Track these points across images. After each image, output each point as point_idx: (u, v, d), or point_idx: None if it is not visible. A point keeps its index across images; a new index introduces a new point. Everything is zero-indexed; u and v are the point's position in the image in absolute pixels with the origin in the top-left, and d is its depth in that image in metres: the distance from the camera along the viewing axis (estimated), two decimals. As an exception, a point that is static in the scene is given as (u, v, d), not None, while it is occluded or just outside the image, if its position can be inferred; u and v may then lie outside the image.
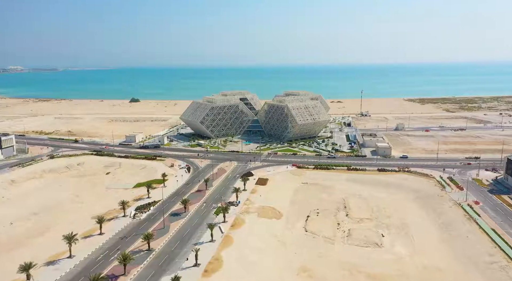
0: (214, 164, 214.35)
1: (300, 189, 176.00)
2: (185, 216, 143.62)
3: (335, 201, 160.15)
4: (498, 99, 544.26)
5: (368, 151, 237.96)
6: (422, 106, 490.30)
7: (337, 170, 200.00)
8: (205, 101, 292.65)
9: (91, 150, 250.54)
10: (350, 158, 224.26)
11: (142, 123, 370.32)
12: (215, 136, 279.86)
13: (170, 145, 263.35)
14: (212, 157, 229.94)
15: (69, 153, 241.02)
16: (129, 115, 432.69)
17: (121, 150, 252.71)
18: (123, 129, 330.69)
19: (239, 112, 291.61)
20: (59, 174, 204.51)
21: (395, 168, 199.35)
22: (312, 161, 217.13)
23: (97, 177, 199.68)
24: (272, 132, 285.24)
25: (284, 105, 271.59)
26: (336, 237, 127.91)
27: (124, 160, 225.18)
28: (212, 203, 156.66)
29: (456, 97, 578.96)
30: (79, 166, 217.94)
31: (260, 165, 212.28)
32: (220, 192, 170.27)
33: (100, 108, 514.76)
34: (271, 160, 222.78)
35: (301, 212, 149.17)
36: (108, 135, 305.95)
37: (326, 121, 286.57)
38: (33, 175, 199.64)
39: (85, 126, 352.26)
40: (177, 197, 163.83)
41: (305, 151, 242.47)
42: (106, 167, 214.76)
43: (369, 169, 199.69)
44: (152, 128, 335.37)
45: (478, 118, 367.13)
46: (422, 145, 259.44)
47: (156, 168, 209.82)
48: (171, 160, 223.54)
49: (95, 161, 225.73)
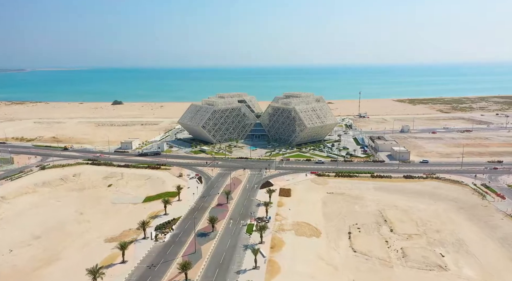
0: (226, 173, 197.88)
1: (328, 200, 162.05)
2: (214, 236, 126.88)
3: (372, 214, 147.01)
4: (485, 100, 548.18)
5: (383, 155, 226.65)
6: (414, 107, 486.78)
7: (360, 178, 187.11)
8: (205, 104, 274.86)
9: (85, 158, 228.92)
10: (368, 164, 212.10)
11: (131, 128, 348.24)
12: (217, 141, 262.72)
13: (171, 151, 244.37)
14: (221, 164, 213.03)
15: (61, 163, 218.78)
16: (116, 119, 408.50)
17: (118, 158, 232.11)
18: (113, 135, 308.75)
19: (241, 115, 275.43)
20: (54, 188, 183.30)
21: (421, 174, 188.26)
22: (330, 168, 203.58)
23: (98, 190, 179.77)
24: (277, 137, 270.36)
25: (291, 108, 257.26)
26: (391, 258, 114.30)
27: (125, 170, 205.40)
28: (240, 220, 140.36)
29: (444, 98, 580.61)
30: (75, 177, 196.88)
31: (276, 173, 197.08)
32: (243, 206, 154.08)
33: (82, 111, 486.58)
34: (285, 167, 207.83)
35: (340, 228, 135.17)
36: (98, 141, 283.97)
37: (333, 125, 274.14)
38: (25, 189, 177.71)
39: (71, 132, 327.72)
40: (198, 213, 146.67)
41: (318, 156, 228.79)
42: (106, 178, 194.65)
43: (394, 175, 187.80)
44: (144, 133, 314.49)
45: (477, 119, 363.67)
46: (433, 147, 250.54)
47: (162, 178, 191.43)
48: (178, 169, 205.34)
49: (92, 171, 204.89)
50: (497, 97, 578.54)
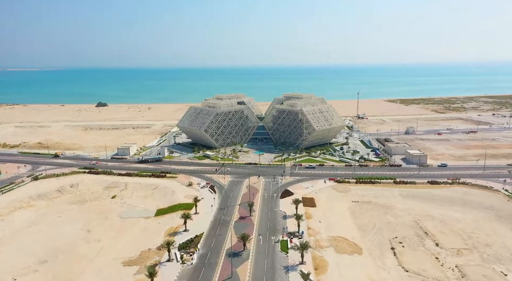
0: (238, 180, 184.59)
1: (356, 210, 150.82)
2: (247, 256, 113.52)
3: (408, 225, 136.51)
4: (474, 99, 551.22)
5: (398, 159, 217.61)
6: (407, 107, 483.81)
7: (383, 184, 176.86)
8: (205, 107, 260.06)
9: (80, 166, 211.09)
10: (385, 168, 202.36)
11: (123, 132, 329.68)
12: (219, 145, 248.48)
13: (172, 157, 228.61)
14: (231, 171, 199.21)
15: (54, 172, 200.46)
16: (104, 122, 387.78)
17: (117, 165, 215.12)
18: (104, 140, 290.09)
19: (244, 118, 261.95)
20: (51, 201, 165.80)
21: (444, 179, 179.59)
22: (347, 173, 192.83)
23: (101, 203, 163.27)
24: (282, 140, 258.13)
25: (297, 110, 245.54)
26: (449, 278, 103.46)
27: (128, 179, 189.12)
28: (269, 235, 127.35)
29: (434, 98, 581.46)
30: (73, 188, 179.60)
31: (291, 180, 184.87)
32: (268, 218, 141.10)
33: (65, 114, 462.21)
34: (300, 173, 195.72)
35: (380, 243, 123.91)
36: (90, 147, 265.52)
37: (341, 127, 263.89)
38: (19, 203, 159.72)
39: (57, 137, 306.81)
40: (221, 228, 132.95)
41: (330, 161, 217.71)
42: (108, 189, 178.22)
43: (418, 181, 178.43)
44: (138, 138, 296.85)
45: (475, 120, 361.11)
46: (443, 149, 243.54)
47: (171, 187, 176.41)
48: (185, 177, 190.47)
49: (91, 181, 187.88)
50: (485, 97, 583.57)
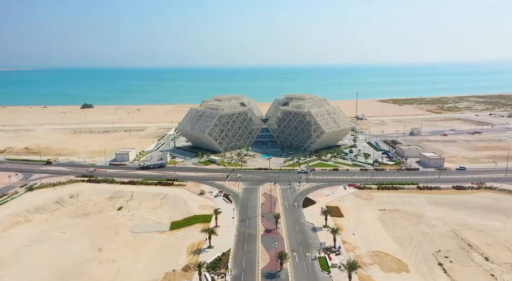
0: (252, 188, 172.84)
1: (387, 220, 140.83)
2: (286, 277, 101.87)
3: (447, 236, 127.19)
4: (465, 99, 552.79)
5: (412, 162, 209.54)
6: (401, 108, 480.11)
7: (406, 190, 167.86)
8: (207, 109, 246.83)
9: (77, 174, 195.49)
10: (403, 173, 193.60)
11: (115, 135, 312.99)
12: (223, 149, 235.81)
13: (176, 163, 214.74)
14: (242, 177, 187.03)
15: (49, 181, 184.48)
16: (93, 125, 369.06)
17: (117, 172, 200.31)
18: (97, 144, 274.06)
19: (248, 120, 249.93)
20: (51, 214, 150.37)
21: (469, 183, 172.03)
22: (366, 178, 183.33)
23: (108, 216, 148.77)
24: (288, 143, 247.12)
25: (305, 112, 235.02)
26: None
27: (133, 188, 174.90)
28: (304, 251, 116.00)
29: (425, 98, 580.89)
30: (73, 199, 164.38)
31: (309, 186, 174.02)
32: (296, 231, 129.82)
33: (49, 116, 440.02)
34: (316, 178, 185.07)
35: (424, 258, 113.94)
36: (83, 152, 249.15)
37: (349, 129, 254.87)
38: (15, 218, 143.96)
39: (45, 141, 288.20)
40: (247, 243, 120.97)
41: (343, 165, 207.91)
42: (112, 199, 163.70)
43: (442, 186, 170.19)
44: (133, 141, 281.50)
45: (474, 120, 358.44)
46: (454, 151, 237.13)
47: (182, 197, 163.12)
48: (194, 185, 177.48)
49: (92, 190, 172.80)
50: (475, 96, 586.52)
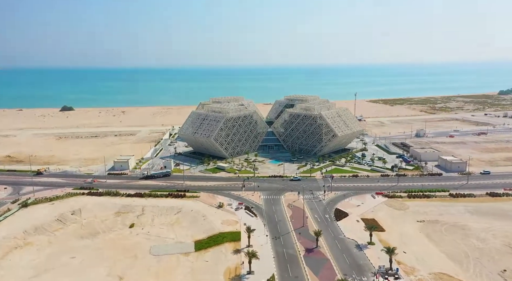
0: (274, 198, 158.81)
1: (430, 233, 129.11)
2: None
3: (505, 252, 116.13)
4: (452, 99, 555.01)
5: (429, 166, 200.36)
6: (393, 108, 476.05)
7: (439, 198, 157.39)
8: (211, 112, 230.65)
9: (74, 186, 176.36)
10: (427, 178, 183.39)
11: (105, 140, 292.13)
12: (229, 155, 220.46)
13: (182, 171, 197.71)
14: (260, 187, 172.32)
15: (44, 194, 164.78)
16: (78, 129, 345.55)
17: (119, 183, 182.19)
18: (87, 150, 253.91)
19: (254, 123, 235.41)
20: (53, 235, 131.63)
21: (501, 189, 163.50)
22: (390, 185, 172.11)
23: (120, 235, 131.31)
24: (296, 147, 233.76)
25: (316, 115, 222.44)
26: None
27: (141, 201, 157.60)
28: (358, 275, 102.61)
29: (413, 98, 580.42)
30: (75, 216, 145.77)
31: (334, 196, 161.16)
32: (340, 249, 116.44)
33: (27, 120, 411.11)
34: (340, 186, 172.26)
35: (492, 279, 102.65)
36: (74, 160, 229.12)
37: (359, 132, 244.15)
38: (13, 241, 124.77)
39: (29, 148, 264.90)
40: (291, 266, 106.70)
41: (360, 170, 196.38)
42: (121, 215, 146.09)
43: (476, 193, 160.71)
44: (126, 147, 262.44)
45: (472, 120, 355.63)
46: (466, 153, 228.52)
47: (199, 211, 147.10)
48: (209, 196, 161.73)
49: (95, 205, 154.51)
50: (461, 96, 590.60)
